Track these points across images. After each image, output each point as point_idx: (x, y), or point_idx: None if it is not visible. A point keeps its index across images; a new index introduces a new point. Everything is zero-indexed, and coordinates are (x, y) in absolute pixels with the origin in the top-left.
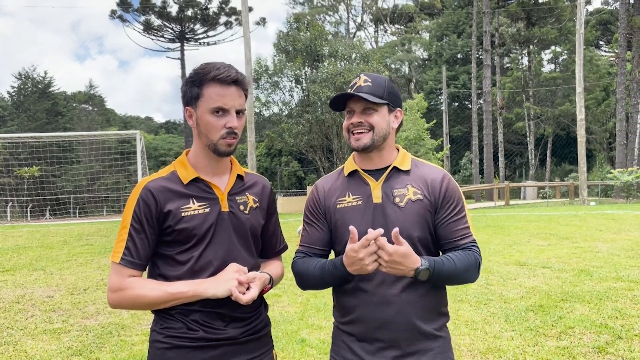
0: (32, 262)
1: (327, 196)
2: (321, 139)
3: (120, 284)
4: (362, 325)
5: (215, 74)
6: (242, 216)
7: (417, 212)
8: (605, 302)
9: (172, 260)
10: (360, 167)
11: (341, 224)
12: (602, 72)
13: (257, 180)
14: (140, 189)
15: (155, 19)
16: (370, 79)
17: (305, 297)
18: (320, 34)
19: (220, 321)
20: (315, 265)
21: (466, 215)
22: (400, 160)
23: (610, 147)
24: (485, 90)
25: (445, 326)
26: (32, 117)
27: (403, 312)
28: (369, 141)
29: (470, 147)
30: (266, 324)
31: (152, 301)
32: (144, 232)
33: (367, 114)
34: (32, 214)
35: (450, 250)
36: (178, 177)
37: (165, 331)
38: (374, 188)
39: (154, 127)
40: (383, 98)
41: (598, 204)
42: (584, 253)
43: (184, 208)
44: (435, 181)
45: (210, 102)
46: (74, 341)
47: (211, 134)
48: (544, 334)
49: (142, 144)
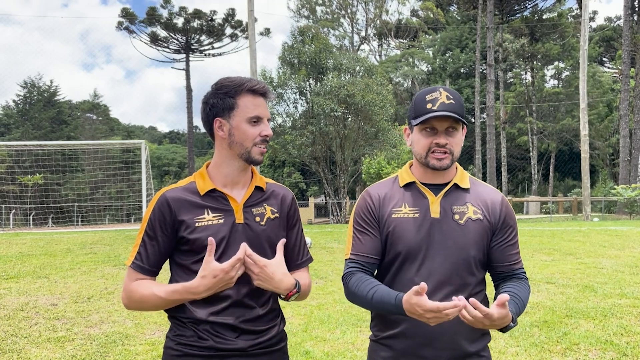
0: (35, 269)
1: (383, 204)
2: (324, 151)
3: (129, 286)
4: (406, 340)
5: (249, 85)
6: (257, 227)
7: (477, 232)
8: (610, 318)
9: (188, 270)
10: (419, 179)
11: (395, 234)
12: (605, 88)
13: (278, 190)
14: (158, 198)
15: (161, 31)
16: (451, 95)
17: (308, 309)
18: (325, 46)
19: (232, 332)
20: (371, 293)
21: (518, 240)
22: (460, 178)
23: (613, 163)
24: (489, 105)
25: (487, 347)
26: (36, 125)
27: (450, 330)
28: (450, 162)
29: (473, 161)
30: (281, 339)
31: (150, 302)
32: (155, 239)
33: (450, 135)
34: (35, 222)
35: (502, 273)
36: (196, 187)
37: (177, 339)
38: (433, 202)
39: (158, 136)
40: (462, 117)
41: (601, 220)
42: (588, 269)
43: (198, 218)
44: (495, 203)
45: (247, 111)
46: (77, 350)
47: (247, 142)
48: (549, 350)
49: (147, 153)
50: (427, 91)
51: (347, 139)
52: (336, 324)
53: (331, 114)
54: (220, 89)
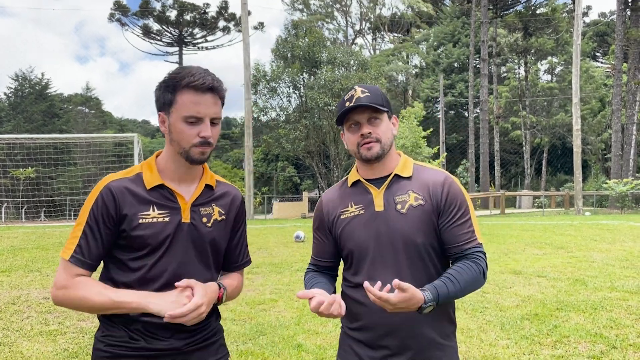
0: (27, 263)
1: (331, 209)
2: (318, 145)
3: (66, 282)
4: (369, 332)
5: (189, 80)
6: (203, 229)
7: (419, 218)
8: (600, 311)
9: (124, 266)
10: (363, 176)
11: (344, 235)
12: (598, 83)
13: (228, 190)
14: (102, 187)
15: (154, 23)
16: (366, 89)
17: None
18: (319, 40)
19: (164, 330)
20: (311, 285)
21: (471, 218)
22: (402, 167)
23: (605, 157)
24: (482, 99)
25: (453, 334)
26: (28, 118)
27: (411, 319)
28: (379, 150)
29: (466, 155)
30: (215, 333)
31: (94, 305)
32: (98, 231)
33: (373, 124)
34: (27, 216)
35: (456, 255)
36: (142, 180)
37: (107, 339)
38: (376, 196)
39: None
40: (384, 106)
41: (593, 214)
42: (579, 263)
43: (142, 214)
44: (436, 184)
45: (184, 110)
46: (70, 343)
47: (183, 142)
48: (540, 343)
49: (140, 147)
50: (346, 92)
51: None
52: (329, 318)
53: (325, 107)
54: (164, 82)
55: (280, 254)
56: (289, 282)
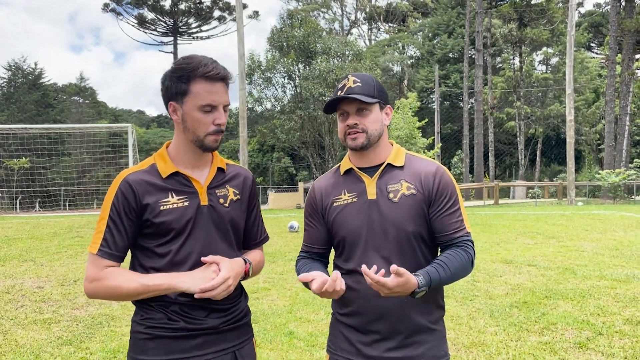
0: (22, 253)
1: (324, 196)
2: (313, 136)
3: (97, 275)
4: (359, 317)
5: (203, 70)
6: (222, 209)
7: (411, 207)
8: (588, 299)
9: (152, 253)
10: (356, 165)
11: (337, 222)
12: (592, 73)
13: (239, 172)
14: (120, 182)
15: (149, 13)
16: (359, 79)
17: (294, 291)
18: (314, 30)
19: (201, 311)
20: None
21: (460, 208)
22: (394, 157)
23: (599, 148)
24: (477, 90)
25: (441, 319)
26: (22, 108)
27: (400, 305)
28: (364, 140)
29: (461, 145)
30: (246, 314)
31: (127, 292)
32: (122, 224)
33: (361, 115)
34: (22, 206)
35: (445, 243)
36: (157, 170)
37: (146, 322)
38: (369, 185)
39: (146, 120)
40: (374, 97)
41: (585, 204)
42: (569, 252)
43: (162, 202)
44: (428, 175)
45: (199, 99)
46: (64, 331)
47: (199, 130)
48: (527, 330)
49: (134, 137)
50: (340, 80)
51: (336, 123)
52: (321, 306)
53: (320, 98)
54: (174, 72)
55: (274, 243)
56: (282, 271)
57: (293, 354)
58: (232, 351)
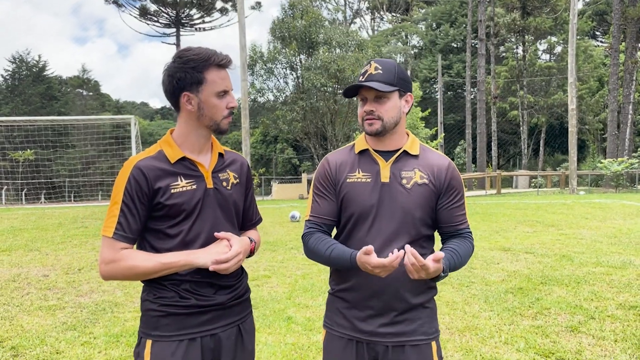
0: (27, 243)
1: (339, 170)
2: (315, 126)
3: (114, 257)
4: (355, 293)
5: (215, 59)
6: (225, 192)
7: (422, 195)
8: (583, 285)
9: (163, 234)
10: (372, 147)
11: (349, 197)
12: (597, 62)
13: (236, 157)
14: (131, 168)
15: (151, 4)
16: (380, 65)
17: (294, 278)
18: (316, 20)
19: (210, 288)
20: (329, 251)
21: (464, 202)
22: (410, 145)
23: (603, 137)
24: (480, 79)
25: (432, 299)
26: (26, 100)
27: (395, 284)
28: (380, 127)
29: (464, 135)
30: (246, 290)
31: (145, 271)
32: (135, 208)
33: (379, 102)
34: (28, 198)
35: (448, 232)
36: (165, 156)
37: (159, 300)
38: (383, 168)
39: (150, 112)
40: (394, 84)
41: (587, 193)
42: (567, 240)
43: (173, 185)
44: (441, 168)
45: (215, 86)
46: (68, 317)
47: (216, 115)
48: (521, 314)
49: (137, 129)
50: (364, 65)
51: (338, 114)
52: (319, 292)
53: (322, 89)
54: (187, 63)
55: (275, 232)
56: (283, 259)
57: (290, 337)
58: (237, 325)
